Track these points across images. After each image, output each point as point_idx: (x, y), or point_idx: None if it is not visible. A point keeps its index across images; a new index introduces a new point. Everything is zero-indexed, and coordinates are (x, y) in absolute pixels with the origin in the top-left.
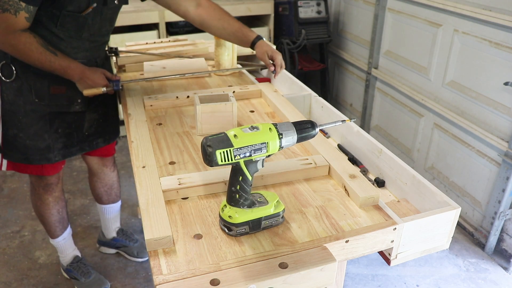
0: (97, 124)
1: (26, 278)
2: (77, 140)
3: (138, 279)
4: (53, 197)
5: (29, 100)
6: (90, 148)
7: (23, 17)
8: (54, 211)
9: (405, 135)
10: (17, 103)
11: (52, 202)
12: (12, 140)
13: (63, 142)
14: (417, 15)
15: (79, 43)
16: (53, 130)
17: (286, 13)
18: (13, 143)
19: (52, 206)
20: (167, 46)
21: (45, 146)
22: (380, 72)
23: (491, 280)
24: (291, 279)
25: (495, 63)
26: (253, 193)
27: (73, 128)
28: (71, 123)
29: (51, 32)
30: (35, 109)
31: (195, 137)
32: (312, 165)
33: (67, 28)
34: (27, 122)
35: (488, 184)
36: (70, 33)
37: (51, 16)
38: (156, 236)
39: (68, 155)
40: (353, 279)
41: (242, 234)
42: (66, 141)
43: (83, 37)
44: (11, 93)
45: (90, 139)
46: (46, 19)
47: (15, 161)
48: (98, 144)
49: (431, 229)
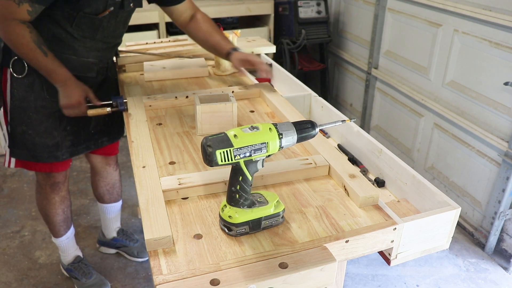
0: (103, 123)
1: (26, 278)
2: (84, 138)
3: (138, 279)
4: (59, 196)
5: (41, 97)
6: (96, 147)
7: (25, 9)
8: (60, 211)
9: (405, 135)
10: (27, 100)
11: (59, 201)
12: (20, 138)
13: (71, 140)
14: (417, 15)
15: (93, 43)
16: (62, 128)
17: (286, 13)
18: (21, 141)
19: (58, 206)
20: (167, 46)
21: (54, 143)
22: (380, 72)
23: (491, 280)
24: (291, 279)
25: (495, 63)
26: (253, 193)
27: (81, 126)
28: (79, 120)
29: (66, 30)
30: (46, 106)
31: (195, 137)
32: (312, 165)
33: (82, 28)
34: (37, 118)
35: (488, 184)
36: (84, 33)
37: (68, 16)
38: (156, 236)
39: (75, 153)
40: (353, 279)
41: (242, 234)
42: (74, 139)
43: (97, 38)
44: (22, 89)
45: (96, 137)
46: (62, 18)
47: (22, 158)
48: (103, 142)
49: (431, 229)
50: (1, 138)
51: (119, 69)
